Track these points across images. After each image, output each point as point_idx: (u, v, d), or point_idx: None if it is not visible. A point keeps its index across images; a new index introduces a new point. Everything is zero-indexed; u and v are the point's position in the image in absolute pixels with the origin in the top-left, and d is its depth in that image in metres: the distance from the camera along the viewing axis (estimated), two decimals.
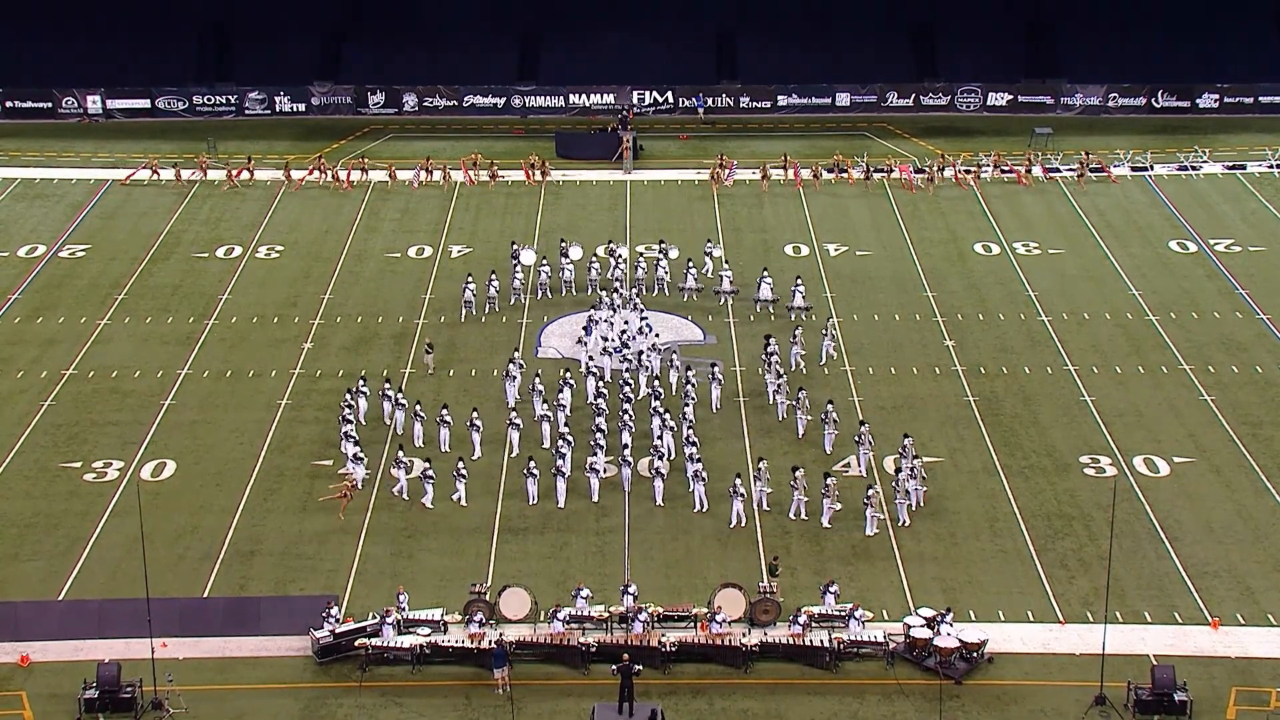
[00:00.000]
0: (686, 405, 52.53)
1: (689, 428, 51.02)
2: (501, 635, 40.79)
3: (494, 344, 59.02)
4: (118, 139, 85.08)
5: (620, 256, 65.29)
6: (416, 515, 48.02)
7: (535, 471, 48.50)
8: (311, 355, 58.60)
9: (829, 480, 47.50)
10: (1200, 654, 41.11)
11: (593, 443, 50.11)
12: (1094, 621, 41.89)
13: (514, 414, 52.12)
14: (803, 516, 47.27)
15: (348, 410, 52.16)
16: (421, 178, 77.05)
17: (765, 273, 63.04)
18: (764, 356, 55.89)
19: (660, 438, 50.46)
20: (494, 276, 63.28)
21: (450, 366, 57.68)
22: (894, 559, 45.63)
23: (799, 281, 62.12)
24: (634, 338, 57.01)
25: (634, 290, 62.48)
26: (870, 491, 47.19)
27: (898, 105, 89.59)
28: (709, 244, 66.76)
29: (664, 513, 47.97)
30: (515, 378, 54.44)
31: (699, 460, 49.00)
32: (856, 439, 50.75)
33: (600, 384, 54.38)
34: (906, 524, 46.93)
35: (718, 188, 76.08)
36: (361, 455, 49.85)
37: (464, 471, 48.70)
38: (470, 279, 62.56)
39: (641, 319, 58.55)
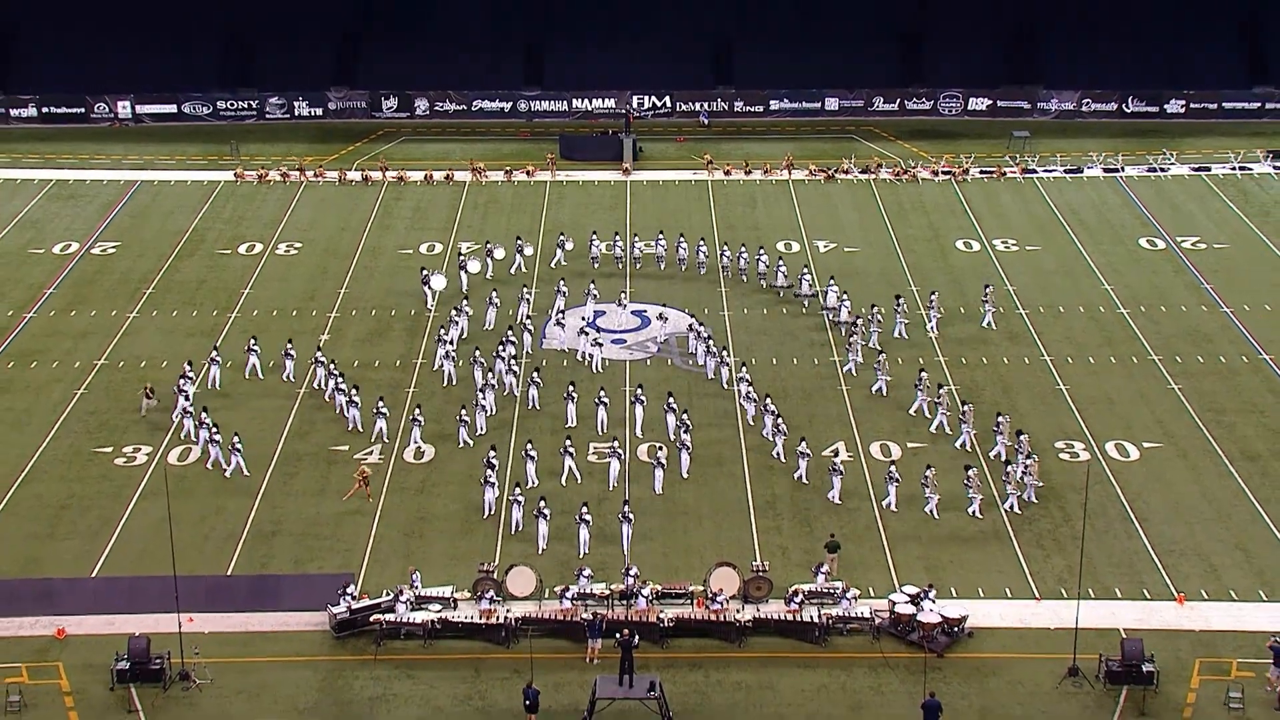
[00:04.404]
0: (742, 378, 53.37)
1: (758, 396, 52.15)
2: (599, 611, 40.75)
3: (496, 337, 58.87)
4: (146, 142, 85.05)
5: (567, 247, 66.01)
6: (428, 499, 48.04)
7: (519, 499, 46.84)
8: (329, 346, 58.52)
9: (929, 471, 47.50)
10: (1167, 627, 41.20)
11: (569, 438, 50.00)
12: (1068, 598, 41.91)
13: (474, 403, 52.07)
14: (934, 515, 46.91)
15: (184, 380, 53.24)
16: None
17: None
18: (847, 342, 56.96)
19: (687, 431, 49.99)
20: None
21: (459, 360, 57.68)
22: (880, 539, 45.66)
23: (832, 282, 61.37)
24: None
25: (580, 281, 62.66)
26: (970, 472, 47.20)
27: (883, 109, 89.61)
28: (518, 238, 66.79)
29: (663, 499, 47.86)
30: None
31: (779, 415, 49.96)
32: (962, 417, 50.90)
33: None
34: (1017, 511, 46.82)
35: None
36: (215, 432, 50.23)
37: (239, 447, 49.28)
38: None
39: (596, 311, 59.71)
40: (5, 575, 43.66)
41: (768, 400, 51.51)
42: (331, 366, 54.87)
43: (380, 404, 51.76)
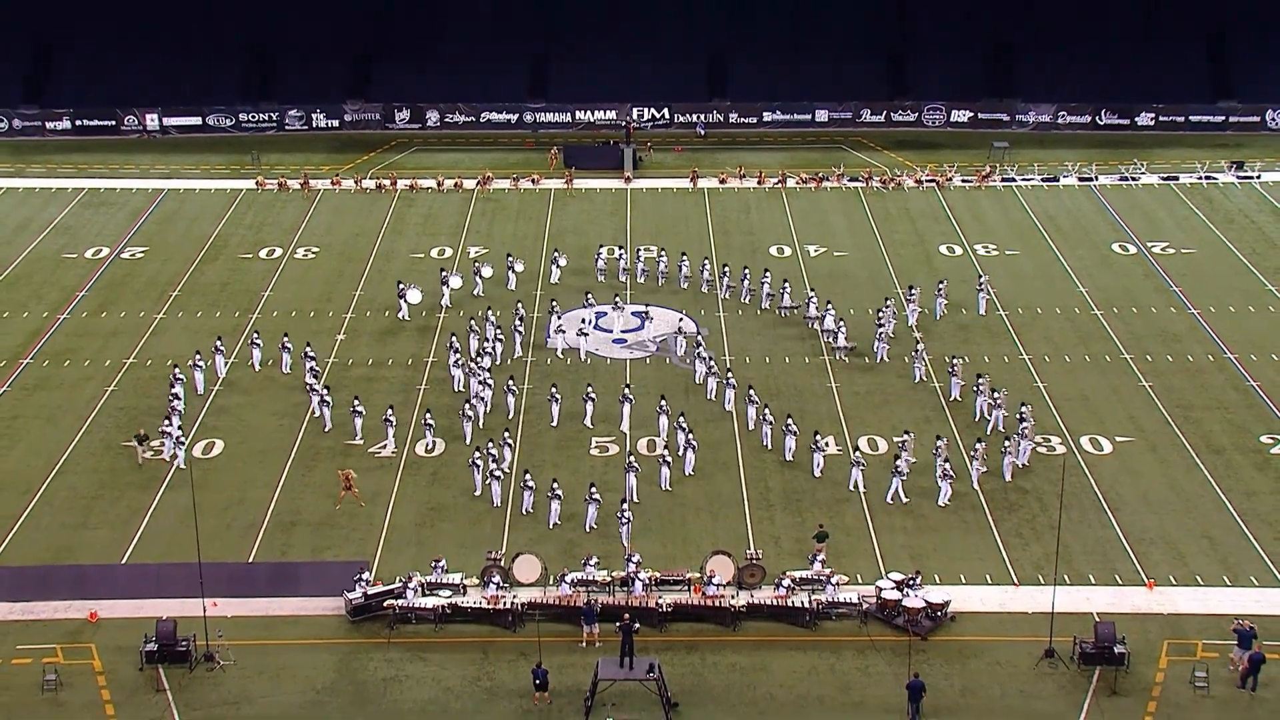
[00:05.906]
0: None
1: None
2: (595, 596, 40.74)
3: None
4: (173, 152, 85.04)
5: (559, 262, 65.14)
6: (439, 490, 48.06)
7: (530, 484, 46.72)
8: (344, 346, 58.61)
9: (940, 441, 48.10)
10: (1137, 611, 41.31)
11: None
12: (1045, 583, 42.05)
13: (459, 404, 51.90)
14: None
15: (177, 369, 53.45)
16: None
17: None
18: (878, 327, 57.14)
19: (692, 431, 49.57)
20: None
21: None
22: (867, 528, 45.69)
23: (830, 307, 59.99)
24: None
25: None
26: (940, 443, 47.88)
27: (871, 121, 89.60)
28: (509, 255, 65.72)
29: (667, 495, 47.78)
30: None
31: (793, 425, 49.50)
32: (995, 402, 51.22)
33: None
34: (975, 487, 47.42)
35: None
36: (170, 431, 49.99)
37: (182, 441, 49.41)
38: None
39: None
40: (41, 562, 43.78)
41: (789, 421, 50.05)
42: (315, 364, 54.65)
43: (356, 403, 51.59)
